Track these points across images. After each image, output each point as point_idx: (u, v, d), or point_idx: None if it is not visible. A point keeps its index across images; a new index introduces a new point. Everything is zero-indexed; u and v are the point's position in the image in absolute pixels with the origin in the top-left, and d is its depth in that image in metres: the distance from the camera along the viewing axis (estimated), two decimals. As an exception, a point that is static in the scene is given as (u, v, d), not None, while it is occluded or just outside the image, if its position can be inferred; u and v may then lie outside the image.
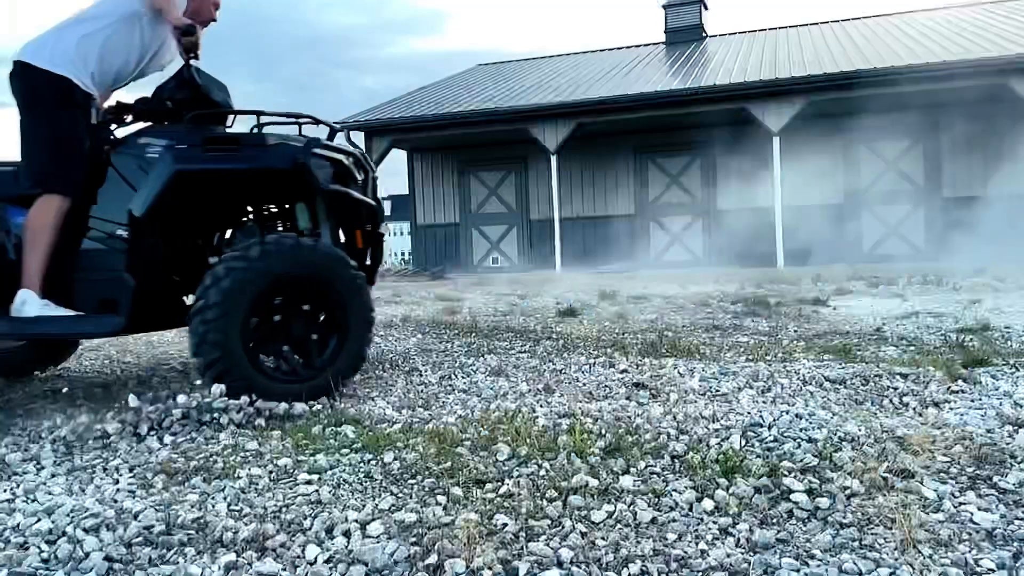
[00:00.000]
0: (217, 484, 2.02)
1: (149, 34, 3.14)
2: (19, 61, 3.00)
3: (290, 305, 3.00)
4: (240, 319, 2.82)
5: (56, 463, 2.30)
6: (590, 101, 13.60)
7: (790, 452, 2.14)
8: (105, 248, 2.99)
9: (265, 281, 2.87)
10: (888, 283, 8.42)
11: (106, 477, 2.17)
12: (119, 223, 2.94)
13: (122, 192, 2.97)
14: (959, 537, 1.63)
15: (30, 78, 2.97)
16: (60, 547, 1.64)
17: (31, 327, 2.88)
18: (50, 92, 2.97)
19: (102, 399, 3.18)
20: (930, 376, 3.09)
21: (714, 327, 5.23)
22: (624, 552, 1.58)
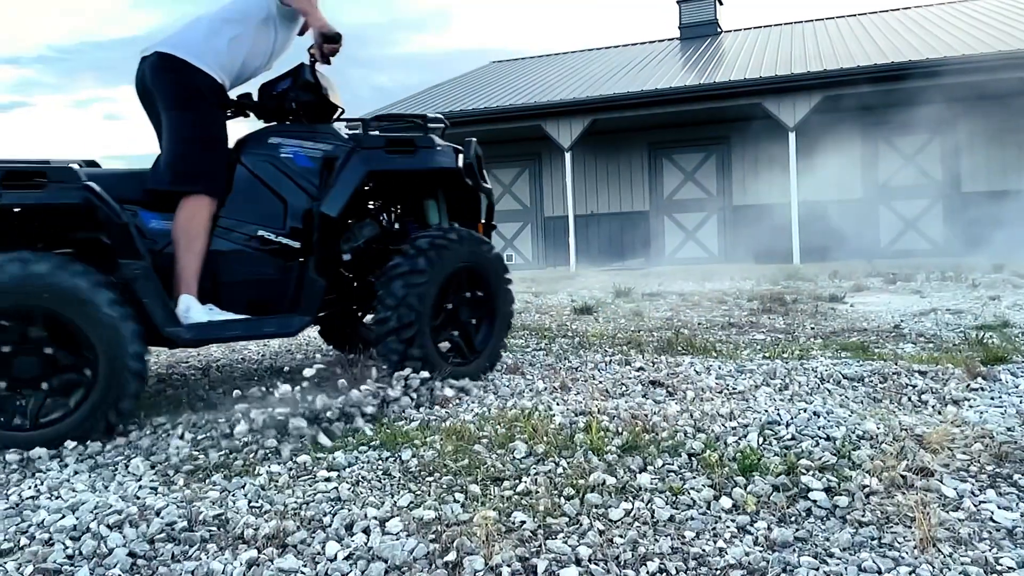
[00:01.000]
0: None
1: (279, 37, 3.16)
2: (171, 56, 2.89)
3: (461, 292, 3.27)
4: (436, 292, 3.07)
5: (79, 460, 2.33)
6: (604, 97, 13.56)
7: (808, 450, 2.13)
8: (248, 250, 3.02)
9: (457, 263, 3.17)
10: (906, 279, 8.34)
11: (128, 475, 2.20)
12: (262, 224, 3.02)
13: (256, 192, 3.04)
14: (979, 535, 1.62)
15: (184, 74, 2.89)
16: (84, 543, 1.66)
17: (217, 331, 2.84)
18: (204, 91, 2.93)
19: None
20: (949, 373, 3.07)
21: (730, 324, 5.21)
22: (642, 550, 1.59)
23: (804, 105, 12.56)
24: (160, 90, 2.93)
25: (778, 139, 13.28)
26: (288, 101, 3.15)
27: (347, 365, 3.13)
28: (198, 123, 2.92)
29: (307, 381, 2.71)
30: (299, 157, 3.09)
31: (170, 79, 2.91)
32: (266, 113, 3.27)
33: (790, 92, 12.59)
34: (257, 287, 3.03)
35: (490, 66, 19.78)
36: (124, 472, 2.22)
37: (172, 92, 2.92)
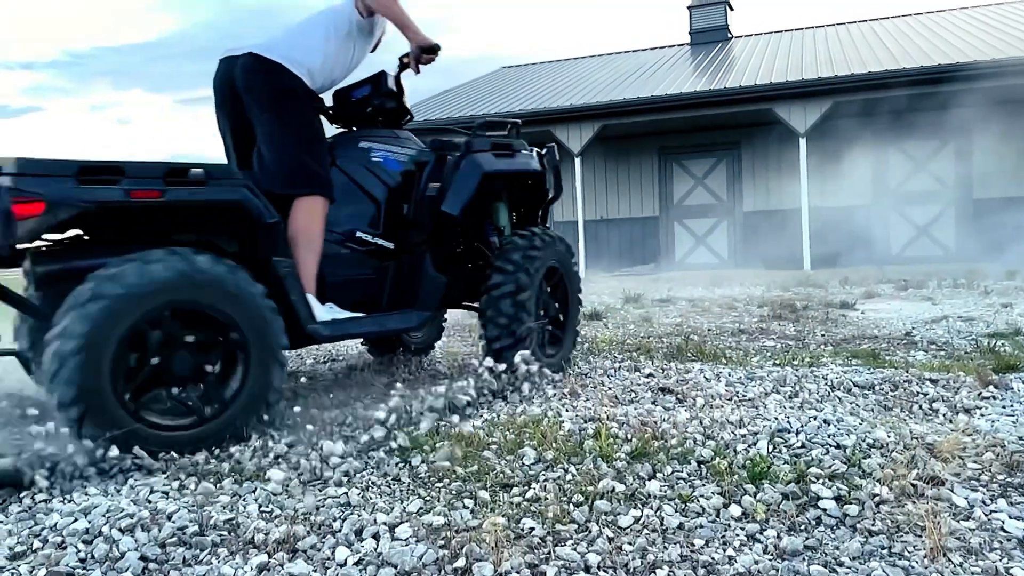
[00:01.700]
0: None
1: (357, 52, 3.20)
2: (266, 58, 2.89)
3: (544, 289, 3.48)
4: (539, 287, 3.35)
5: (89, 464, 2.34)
6: (614, 103, 13.56)
7: (818, 458, 2.13)
8: (348, 250, 3.14)
9: (550, 261, 3.42)
10: (917, 286, 8.30)
11: (140, 478, 2.21)
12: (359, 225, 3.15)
13: (353, 195, 3.15)
14: (990, 545, 1.62)
15: (283, 77, 2.90)
16: (97, 547, 1.68)
17: (349, 328, 2.96)
18: (302, 95, 2.97)
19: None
20: (960, 382, 3.06)
21: (740, 331, 5.20)
22: (651, 558, 1.59)
23: (815, 111, 12.53)
24: (257, 92, 2.91)
25: (789, 145, 13.26)
26: (370, 107, 3.27)
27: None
28: (304, 125, 2.95)
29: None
30: (388, 161, 3.24)
31: (270, 81, 2.90)
32: (343, 119, 3.38)
33: (801, 98, 12.56)
34: (357, 286, 3.16)
35: (500, 71, 19.83)
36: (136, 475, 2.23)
37: (273, 94, 2.91)
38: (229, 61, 2.98)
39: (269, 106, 2.91)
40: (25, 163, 2.16)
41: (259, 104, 2.92)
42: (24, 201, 2.11)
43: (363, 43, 3.21)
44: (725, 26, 18.09)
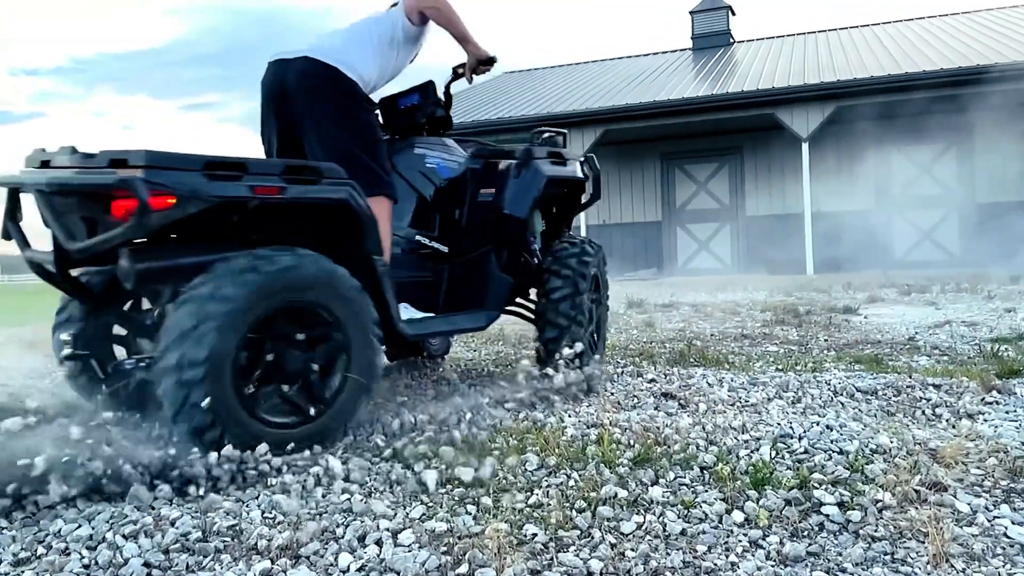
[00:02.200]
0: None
1: (399, 60, 3.20)
2: (322, 62, 2.88)
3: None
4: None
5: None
6: (617, 108, 13.59)
7: (821, 464, 2.13)
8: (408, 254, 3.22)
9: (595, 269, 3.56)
10: (921, 291, 8.29)
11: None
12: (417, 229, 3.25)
13: (411, 199, 3.25)
14: (993, 551, 1.62)
15: (339, 82, 2.90)
16: (100, 553, 1.68)
17: (428, 327, 3.07)
18: (364, 102, 3.00)
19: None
20: (964, 387, 3.05)
21: (743, 336, 5.20)
22: (653, 564, 1.59)
23: (817, 115, 12.54)
24: (315, 95, 2.89)
25: (791, 149, 13.27)
26: (420, 115, 3.33)
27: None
28: (366, 128, 2.95)
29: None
30: (441, 167, 3.32)
31: (328, 84, 2.89)
32: (390, 126, 3.43)
33: (803, 102, 12.58)
34: (418, 288, 3.23)
35: (503, 77, 19.86)
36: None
37: (334, 97, 2.90)
38: (281, 64, 2.94)
39: (329, 109, 2.88)
40: (155, 156, 2.13)
41: (317, 107, 2.88)
42: (159, 194, 2.09)
43: (407, 52, 3.22)
44: (727, 31, 18.12)
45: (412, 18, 3.13)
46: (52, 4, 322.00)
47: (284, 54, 2.94)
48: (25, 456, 1.92)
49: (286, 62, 2.92)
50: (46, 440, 2.05)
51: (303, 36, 42.27)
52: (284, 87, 2.91)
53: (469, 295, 3.29)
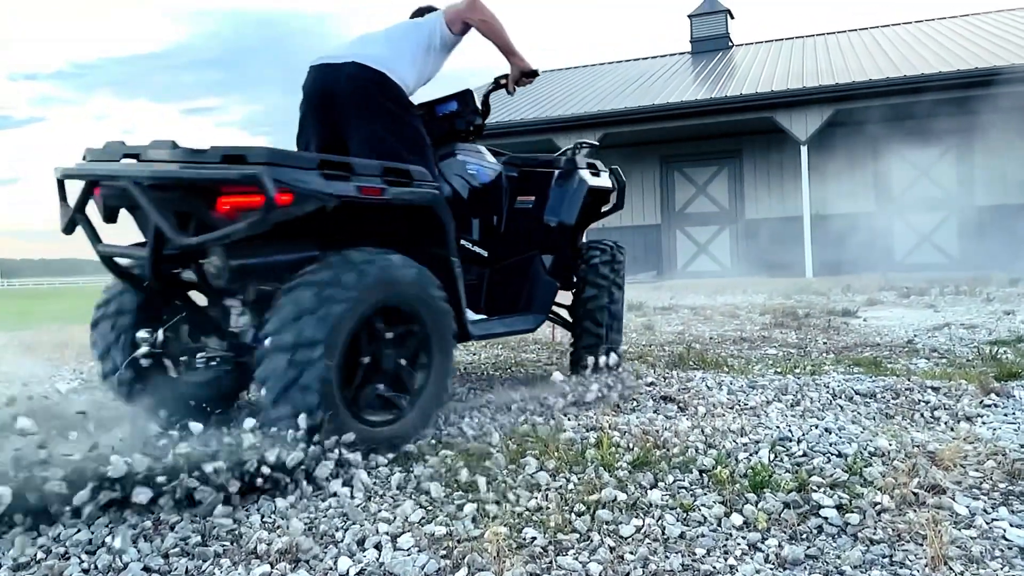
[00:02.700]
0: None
1: (433, 66, 3.21)
2: (371, 67, 2.88)
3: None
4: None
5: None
6: (616, 112, 13.61)
7: (819, 467, 2.13)
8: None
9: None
10: (920, 293, 8.30)
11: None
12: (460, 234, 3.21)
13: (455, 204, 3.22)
14: (991, 554, 1.62)
15: (388, 87, 2.92)
16: (100, 557, 1.68)
17: (488, 329, 3.14)
18: (412, 108, 3.04)
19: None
20: (962, 390, 3.06)
21: (742, 339, 5.20)
22: (652, 567, 1.59)
23: (816, 119, 12.56)
24: (366, 100, 2.89)
25: (790, 153, 13.28)
26: (460, 122, 3.36)
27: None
28: (416, 133, 2.97)
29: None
30: (480, 173, 3.38)
31: (379, 90, 2.89)
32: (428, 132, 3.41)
33: (802, 106, 12.59)
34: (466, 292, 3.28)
35: (502, 81, 19.86)
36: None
37: (385, 103, 2.90)
38: (329, 68, 2.93)
39: (379, 115, 2.89)
40: (275, 153, 2.16)
41: (368, 112, 2.89)
42: (283, 191, 2.11)
43: (440, 60, 3.23)
44: (726, 34, 18.15)
45: (453, 28, 3.14)
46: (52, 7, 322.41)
47: (330, 58, 2.94)
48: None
49: (335, 67, 2.91)
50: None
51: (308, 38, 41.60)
52: (333, 91, 2.90)
53: (513, 299, 3.38)
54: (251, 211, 2.12)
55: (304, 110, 3.01)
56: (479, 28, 3.15)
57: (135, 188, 2.20)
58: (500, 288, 3.41)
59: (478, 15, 3.10)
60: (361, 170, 2.38)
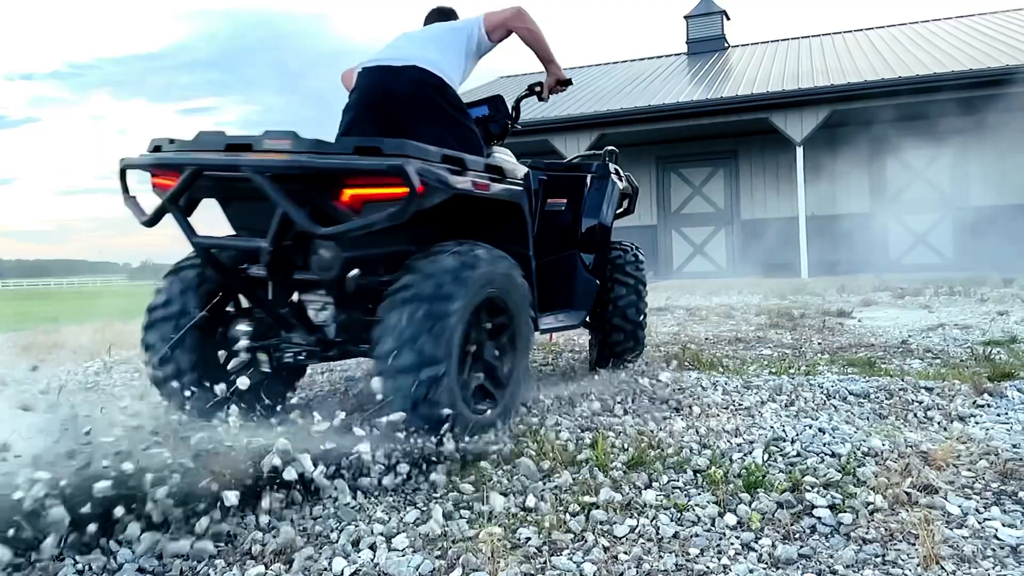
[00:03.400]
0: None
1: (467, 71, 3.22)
2: (432, 72, 2.93)
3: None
4: None
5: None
6: (612, 112, 13.62)
7: (813, 467, 2.14)
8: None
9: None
10: (914, 294, 8.32)
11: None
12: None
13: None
14: (983, 553, 1.63)
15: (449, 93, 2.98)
16: (95, 558, 1.68)
17: (550, 322, 3.28)
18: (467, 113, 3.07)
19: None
20: (956, 390, 3.07)
21: (737, 339, 5.21)
22: (646, 567, 1.60)
23: (811, 120, 12.58)
24: (429, 105, 2.92)
25: (786, 153, 13.32)
26: (494, 126, 3.42)
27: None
28: (473, 136, 2.99)
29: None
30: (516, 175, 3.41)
31: (441, 95, 2.94)
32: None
33: (797, 107, 12.62)
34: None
35: (498, 81, 19.88)
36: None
37: (447, 108, 2.94)
38: (387, 71, 2.94)
39: (441, 118, 2.92)
40: (411, 146, 2.18)
41: (430, 115, 2.91)
42: (422, 183, 2.15)
43: (473, 64, 3.25)
44: (722, 35, 18.18)
45: (493, 35, 3.17)
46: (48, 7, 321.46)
47: (387, 61, 2.96)
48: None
49: (396, 70, 2.92)
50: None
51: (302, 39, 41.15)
52: (394, 93, 2.91)
53: (554, 296, 3.45)
54: (383, 202, 2.16)
55: (357, 110, 2.99)
56: (524, 36, 3.20)
57: (261, 178, 2.15)
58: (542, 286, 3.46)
59: (525, 24, 3.15)
60: (471, 165, 2.46)
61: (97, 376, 4.27)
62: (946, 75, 11.66)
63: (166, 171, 2.39)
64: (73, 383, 3.95)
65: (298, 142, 2.18)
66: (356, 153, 2.14)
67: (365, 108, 2.97)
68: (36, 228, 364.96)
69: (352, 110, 3.00)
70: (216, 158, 2.27)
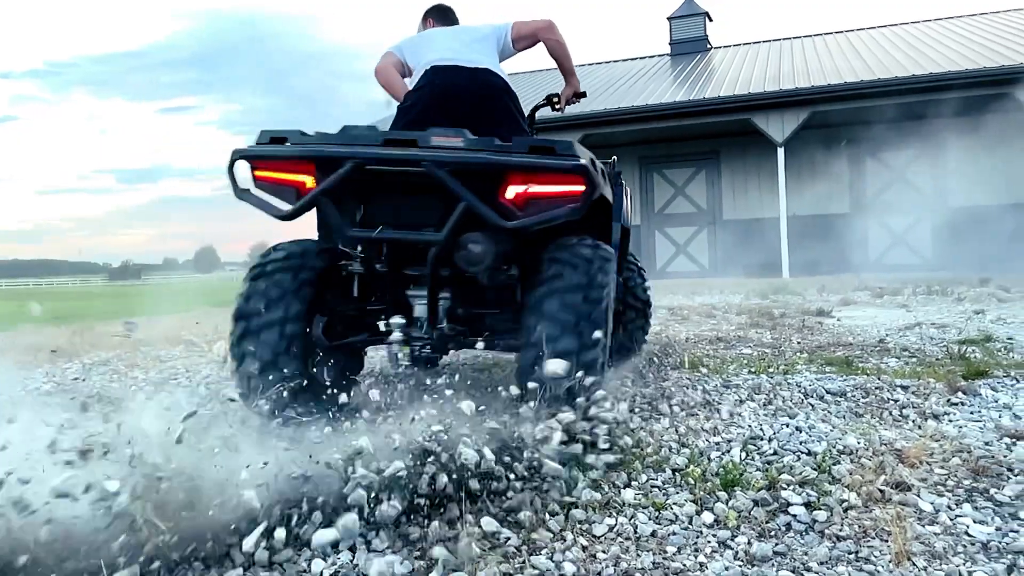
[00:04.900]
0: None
1: None
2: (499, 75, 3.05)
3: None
4: None
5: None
6: (595, 113, 13.67)
7: (789, 465, 2.17)
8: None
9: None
10: (893, 293, 8.41)
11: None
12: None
13: None
14: (954, 550, 1.65)
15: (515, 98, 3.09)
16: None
17: None
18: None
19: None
20: (931, 388, 3.12)
21: (718, 339, 5.25)
22: (624, 565, 1.61)
23: (792, 121, 12.70)
24: (501, 105, 3.01)
25: (767, 154, 13.42)
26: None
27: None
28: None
29: None
30: None
31: (508, 97, 3.05)
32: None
33: (778, 108, 12.73)
34: None
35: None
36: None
37: (511, 109, 3.04)
38: (459, 71, 3.00)
39: (510, 120, 3.00)
40: (576, 147, 2.27)
41: (502, 117, 2.99)
42: (593, 183, 2.28)
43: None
44: (704, 37, 18.30)
45: (518, 43, 3.27)
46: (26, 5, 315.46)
47: (457, 61, 3.01)
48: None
49: (469, 71, 2.99)
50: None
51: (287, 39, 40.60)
52: (469, 93, 2.97)
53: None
54: (547, 199, 2.29)
55: (424, 105, 3.00)
56: (553, 48, 3.32)
57: (444, 172, 2.21)
58: None
59: (556, 36, 3.28)
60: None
61: (75, 380, 4.24)
62: (925, 77, 11.81)
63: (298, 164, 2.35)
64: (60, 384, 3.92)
65: (472, 140, 2.27)
66: (531, 152, 2.25)
67: (431, 104, 2.99)
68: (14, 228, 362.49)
69: (422, 106, 3.01)
70: (392, 152, 2.27)
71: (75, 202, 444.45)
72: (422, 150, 2.26)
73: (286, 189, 2.40)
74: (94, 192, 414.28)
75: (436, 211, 2.36)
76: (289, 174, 2.38)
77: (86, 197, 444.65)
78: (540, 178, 2.29)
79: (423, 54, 3.14)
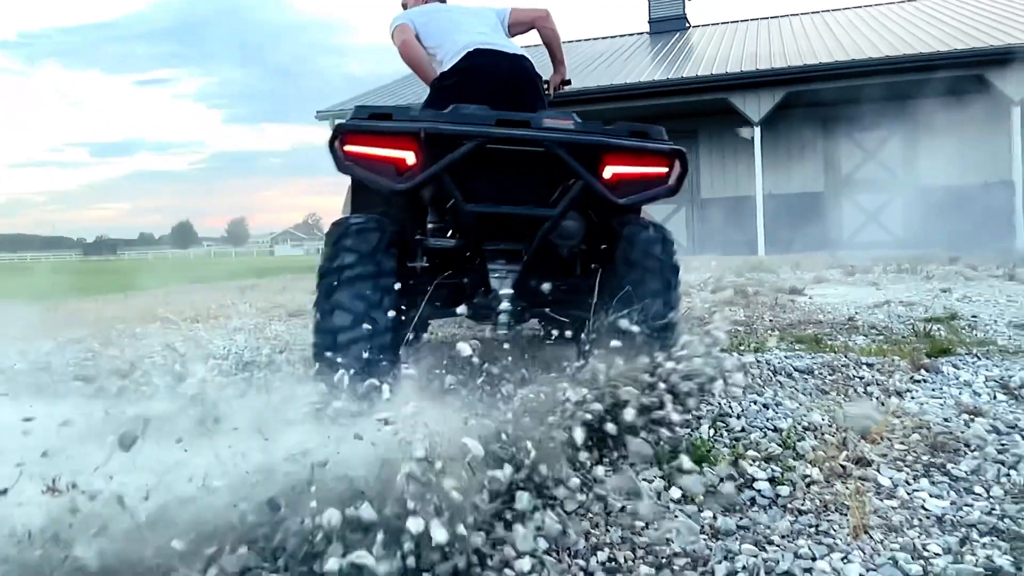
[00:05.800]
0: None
1: None
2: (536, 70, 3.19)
3: None
4: None
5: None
6: (575, 91, 13.56)
7: (756, 441, 2.23)
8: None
9: None
10: (864, 271, 8.54)
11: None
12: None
13: None
14: (910, 523, 1.72)
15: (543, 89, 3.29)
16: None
17: None
18: None
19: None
20: (895, 365, 3.19)
21: (692, 317, 5.31)
22: (593, 540, 1.66)
23: (768, 100, 12.76)
24: (537, 90, 3.18)
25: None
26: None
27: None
28: None
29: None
30: None
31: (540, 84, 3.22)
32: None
33: (755, 88, 12.79)
34: None
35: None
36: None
37: (543, 96, 3.21)
38: (501, 56, 3.12)
39: (542, 106, 3.12)
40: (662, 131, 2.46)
41: (537, 103, 3.12)
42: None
43: None
44: (683, 16, 18.27)
45: (514, 28, 3.41)
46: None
47: (495, 46, 3.14)
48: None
49: (508, 56, 3.13)
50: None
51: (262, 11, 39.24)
52: (511, 77, 3.11)
53: None
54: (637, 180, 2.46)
55: (470, 85, 3.06)
56: (547, 36, 3.49)
57: (564, 151, 2.32)
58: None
59: (551, 25, 3.48)
60: None
61: (48, 357, 4.21)
62: (900, 58, 11.91)
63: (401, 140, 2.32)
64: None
65: (582, 124, 2.41)
66: (632, 135, 2.44)
67: (484, 88, 3.07)
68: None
69: (470, 86, 3.07)
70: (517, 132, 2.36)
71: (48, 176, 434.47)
72: (539, 131, 2.35)
73: (383, 165, 2.35)
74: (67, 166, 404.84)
75: (535, 190, 2.47)
76: (391, 150, 2.34)
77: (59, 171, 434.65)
78: (640, 160, 2.45)
79: (449, 33, 3.22)
